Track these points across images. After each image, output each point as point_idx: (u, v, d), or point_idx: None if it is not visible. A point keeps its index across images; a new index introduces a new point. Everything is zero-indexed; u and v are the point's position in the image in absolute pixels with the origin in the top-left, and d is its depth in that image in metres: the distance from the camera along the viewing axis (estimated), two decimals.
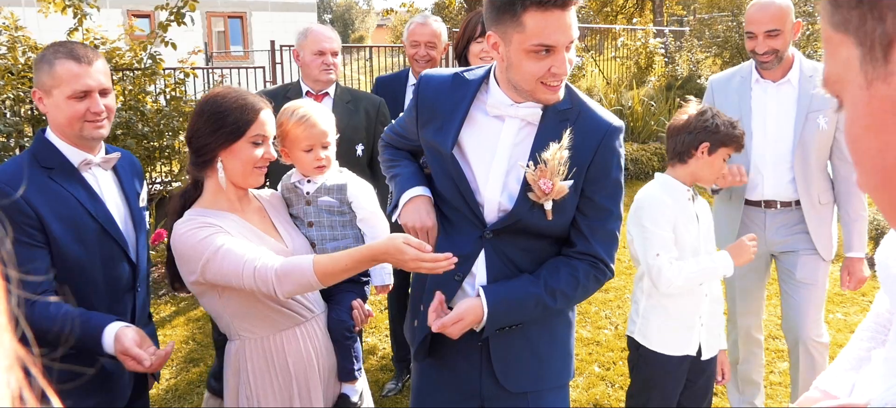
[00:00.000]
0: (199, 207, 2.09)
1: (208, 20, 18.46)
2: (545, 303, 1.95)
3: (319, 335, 2.22)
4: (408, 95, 3.85)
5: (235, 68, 12.40)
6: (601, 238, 1.98)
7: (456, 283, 2.02)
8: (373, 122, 3.51)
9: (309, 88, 3.51)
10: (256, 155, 2.08)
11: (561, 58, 1.79)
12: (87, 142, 2.17)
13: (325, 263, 1.90)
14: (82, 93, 2.11)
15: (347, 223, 2.29)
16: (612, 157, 1.94)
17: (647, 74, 13.41)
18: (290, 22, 18.61)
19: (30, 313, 1.92)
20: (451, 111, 1.99)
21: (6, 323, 0.40)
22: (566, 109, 1.93)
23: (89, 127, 2.14)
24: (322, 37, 3.46)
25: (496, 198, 1.96)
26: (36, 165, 2.10)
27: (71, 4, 5.80)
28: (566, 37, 1.77)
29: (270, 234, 2.17)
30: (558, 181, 1.85)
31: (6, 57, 5.79)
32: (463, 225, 2.01)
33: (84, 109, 2.12)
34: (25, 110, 6.12)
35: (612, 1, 28.55)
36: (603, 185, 1.95)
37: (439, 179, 2.04)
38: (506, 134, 1.94)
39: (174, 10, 5.84)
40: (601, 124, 1.94)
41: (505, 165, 1.95)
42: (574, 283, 1.96)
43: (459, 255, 1.90)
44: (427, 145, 2.06)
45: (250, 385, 2.14)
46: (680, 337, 2.61)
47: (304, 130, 2.21)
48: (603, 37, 15.87)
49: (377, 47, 13.22)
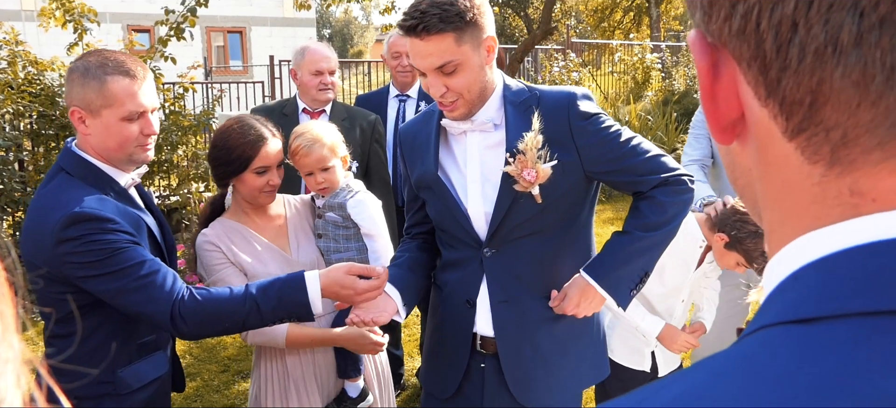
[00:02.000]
0: (224, 218, 2.37)
1: (208, 35, 18.54)
2: (644, 241, 1.94)
3: None
4: (389, 110, 3.86)
5: (235, 83, 12.43)
6: (649, 167, 1.95)
7: (468, 308, 2.06)
8: (368, 139, 3.50)
9: (306, 105, 3.52)
10: (260, 183, 2.27)
11: (434, 81, 1.85)
12: (133, 165, 2.01)
13: (297, 334, 2.28)
14: (137, 114, 1.93)
15: (352, 236, 2.41)
16: (588, 119, 1.93)
17: (645, 89, 13.47)
18: (290, 37, 18.69)
19: (206, 303, 1.90)
20: (425, 142, 2.07)
21: (14, 326, 0.40)
22: (526, 98, 1.96)
23: (140, 150, 1.97)
24: (319, 56, 3.44)
25: (480, 209, 1.99)
26: (101, 190, 1.93)
27: (71, 19, 5.84)
28: (423, 63, 1.83)
29: (281, 245, 2.38)
30: (540, 165, 1.86)
31: (6, 71, 5.82)
32: (464, 249, 2.06)
33: (137, 132, 1.93)
34: (25, 125, 6.15)
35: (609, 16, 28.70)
36: (603, 142, 1.93)
37: (435, 211, 2.09)
38: (471, 147, 1.99)
39: (174, 24, 5.87)
40: (562, 96, 1.96)
41: (478, 175, 1.98)
42: (658, 206, 1.93)
43: (466, 280, 2.03)
44: (419, 187, 2.11)
45: (260, 383, 2.39)
46: (635, 353, 2.70)
47: (300, 158, 2.35)
48: (600, 52, 15.95)
49: (375, 62, 13.29)
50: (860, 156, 0.42)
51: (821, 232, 0.43)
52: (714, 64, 0.47)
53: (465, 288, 2.06)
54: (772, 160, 0.46)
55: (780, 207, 0.47)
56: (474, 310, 2.05)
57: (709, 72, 0.47)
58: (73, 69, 1.93)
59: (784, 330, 0.41)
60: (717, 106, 0.47)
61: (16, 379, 0.39)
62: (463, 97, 1.88)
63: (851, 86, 0.40)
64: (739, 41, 0.44)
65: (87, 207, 1.83)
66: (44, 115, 5.99)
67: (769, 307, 0.44)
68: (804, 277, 0.43)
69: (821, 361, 0.38)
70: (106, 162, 1.97)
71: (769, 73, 0.43)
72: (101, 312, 1.94)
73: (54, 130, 6.04)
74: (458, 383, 2.10)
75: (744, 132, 0.48)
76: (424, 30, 1.77)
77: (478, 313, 2.05)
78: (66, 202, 1.83)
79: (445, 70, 1.82)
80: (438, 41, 1.79)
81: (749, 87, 0.45)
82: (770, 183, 0.48)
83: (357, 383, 2.42)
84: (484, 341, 2.08)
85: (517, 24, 30.27)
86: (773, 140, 0.45)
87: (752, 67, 0.44)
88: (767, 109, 0.44)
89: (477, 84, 1.88)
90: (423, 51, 1.81)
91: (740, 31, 0.43)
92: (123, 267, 1.84)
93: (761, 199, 0.50)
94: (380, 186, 3.50)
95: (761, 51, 0.43)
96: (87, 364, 1.90)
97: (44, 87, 5.99)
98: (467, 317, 2.06)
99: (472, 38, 1.82)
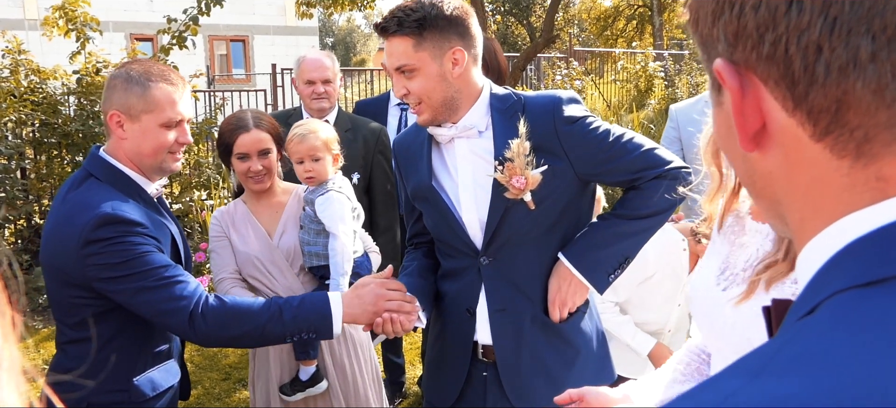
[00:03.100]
0: (240, 199, 2.66)
1: (210, 44, 18.59)
2: (625, 227, 1.96)
3: None
4: (390, 118, 3.85)
5: (237, 91, 12.45)
6: (643, 162, 1.94)
7: (468, 317, 2.05)
8: (372, 150, 3.47)
9: (309, 114, 3.52)
10: (242, 168, 2.50)
11: (396, 81, 1.96)
12: (161, 174, 2.09)
13: None
14: (176, 122, 2.01)
15: (321, 232, 2.50)
16: (574, 123, 1.93)
17: (647, 97, 13.46)
18: (292, 46, 18.72)
19: (231, 305, 1.96)
20: (418, 152, 2.09)
21: (12, 334, 0.42)
22: (512, 103, 1.98)
23: (170, 159, 2.04)
24: (310, 66, 3.45)
25: (474, 217, 1.99)
26: (130, 197, 1.98)
27: (74, 28, 5.85)
28: (388, 61, 1.94)
29: (269, 230, 2.59)
30: (529, 172, 1.87)
31: (9, 80, 5.83)
32: (461, 259, 2.06)
33: (173, 140, 2.01)
34: (27, 133, 6.16)
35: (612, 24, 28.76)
36: (592, 143, 1.93)
37: (432, 221, 2.10)
38: (460, 154, 2.00)
39: (176, 33, 5.88)
40: (546, 101, 1.97)
41: (470, 182, 1.99)
42: (646, 195, 1.93)
43: (465, 290, 2.03)
44: (415, 197, 2.13)
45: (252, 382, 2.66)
46: (631, 365, 2.71)
47: (293, 144, 2.48)
48: (603, 60, 15.96)
49: (378, 70, 13.30)
50: (881, 149, 0.50)
51: (860, 213, 0.51)
52: (742, 85, 0.55)
53: (465, 297, 2.06)
54: (800, 161, 0.54)
55: (811, 200, 0.55)
56: (474, 319, 2.05)
57: (738, 91, 0.55)
58: (116, 75, 2.00)
59: (857, 293, 0.48)
60: (745, 119, 0.56)
61: (15, 387, 0.41)
62: (423, 102, 1.94)
63: (870, 94, 0.49)
64: (768, 64, 0.53)
65: (119, 210, 1.88)
66: (46, 123, 6.00)
67: (823, 282, 0.51)
68: (858, 248, 0.50)
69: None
70: (135, 169, 2.02)
71: (797, 88, 0.52)
72: (117, 318, 1.96)
73: (56, 139, 6.05)
74: (458, 391, 2.10)
75: (765, 141, 0.56)
76: (383, 30, 1.92)
77: (478, 321, 2.05)
78: (96, 204, 1.87)
79: (403, 71, 1.92)
80: (397, 43, 1.90)
81: (776, 102, 0.54)
82: (798, 181, 0.55)
83: (310, 367, 2.49)
84: (485, 349, 2.07)
85: (520, 32, 30.33)
86: (800, 143, 0.54)
87: (780, 85, 0.53)
88: (795, 118, 0.53)
89: (437, 92, 1.92)
90: (388, 50, 1.94)
91: (769, 57, 0.52)
92: (147, 269, 1.89)
93: (785, 197, 0.58)
94: (382, 199, 3.48)
95: (790, 71, 0.52)
96: (101, 371, 1.90)
97: (46, 95, 6.01)
98: (467, 326, 2.06)
99: (433, 46, 1.88)
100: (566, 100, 1.96)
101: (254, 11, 18.64)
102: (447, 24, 1.87)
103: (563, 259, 1.97)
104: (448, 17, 1.87)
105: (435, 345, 2.21)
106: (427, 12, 1.86)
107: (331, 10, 8.34)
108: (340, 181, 2.55)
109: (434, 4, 1.87)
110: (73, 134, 5.96)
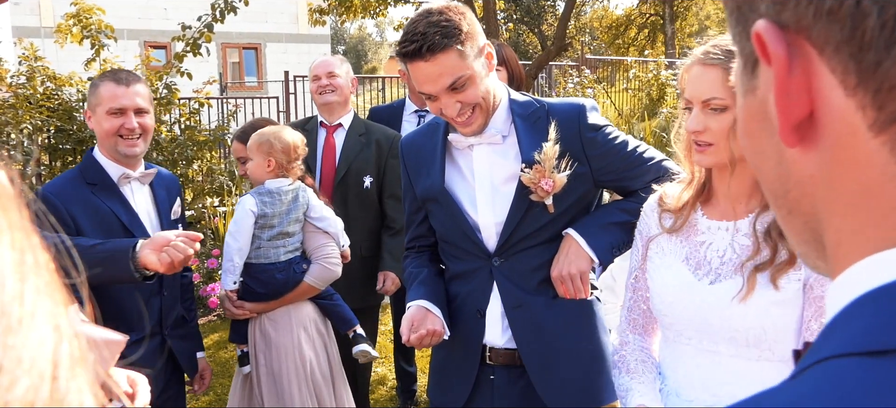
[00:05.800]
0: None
1: (223, 51, 18.69)
2: (624, 216, 1.97)
3: (307, 309, 2.89)
4: (405, 125, 3.86)
5: (249, 98, 12.51)
6: (655, 173, 1.97)
7: (478, 319, 2.05)
8: (385, 155, 3.48)
9: (322, 120, 3.55)
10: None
11: (447, 101, 1.84)
12: (125, 158, 2.43)
13: None
14: (118, 110, 2.38)
15: (266, 227, 2.81)
16: (598, 130, 1.97)
17: (659, 106, 13.40)
18: (304, 53, 18.79)
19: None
20: (431, 154, 2.07)
21: (49, 263, 0.36)
22: (535, 109, 1.99)
23: (123, 143, 2.40)
24: (316, 65, 3.55)
25: (491, 220, 1.99)
26: (81, 180, 2.40)
27: (89, 35, 5.89)
28: (434, 86, 1.82)
29: None
30: (556, 175, 1.88)
31: (25, 86, 5.88)
32: (472, 261, 2.06)
33: (119, 125, 2.38)
34: (42, 139, 6.20)
35: (623, 33, 28.72)
36: (612, 152, 1.97)
37: (440, 223, 2.10)
38: (479, 159, 2.00)
39: (190, 40, 5.92)
40: (571, 108, 1.99)
41: (488, 186, 1.99)
42: (639, 200, 1.94)
43: (476, 291, 2.03)
44: (424, 199, 2.11)
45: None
46: None
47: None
48: (614, 68, 15.93)
49: (391, 78, 13.32)
50: None
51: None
52: (789, 55, 0.42)
53: (475, 299, 2.06)
54: (850, 161, 0.41)
55: (857, 214, 0.42)
56: (484, 320, 2.04)
57: (785, 62, 0.42)
58: (90, 83, 2.51)
59: (856, 363, 0.36)
60: (790, 101, 0.43)
61: (89, 386, 0.34)
62: (480, 106, 1.90)
63: None
64: (828, 23, 0.39)
65: (47, 186, 2.43)
66: (61, 129, 6.04)
67: (834, 333, 0.39)
68: (878, 300, 0.38)
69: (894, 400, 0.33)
70: (107, 156, 2.43)
71: (866, 56, 0.38)
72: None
73: (72, 145, 6.08)
74: (467, 395, 2.08)
75: (810, 134, 0.43)
76: (429, 50, 1.77)
77: (488, 323, 2.04)
78: (50, 184, 2.46)
79: (456, 86, 1.82)
80: (444, 59, 1.79)
81: (833, 77, 0.41)
82: (844, 188, 0.42)
83: (244, 348, 2.86)
84: (493, 352, 2.06)
85: (531, 40, 30.34)
86: (854, 137, 0.41)
87: (841, 51, 0.39)
88: (854, 100, 0.40)
89: (488, 93, 1.91)
90: (431, 73, 1.80)
91: (831, 12, 0.39)
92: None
93: (827, 208, 0.44)
94: (392, 203, 3.49)
95: (858, 31, 0.38)
96: None
97: (61, 102, 6.04)
98: (477, 328, 2.05)
99: (473, 49, 1.84)
100: (589, 108, 1.99)
101: (266, 19, 18.71)
102: (471, 23, 1.85)
103: (567, 231, 1.98)
104: (466, 14, 1.86)
105: (441, 348, 2.18)
106: (454, 18, 1.81)
107: (343, 18, 8.36)
108: (277, 188, 2.74)
109: (452, 8, 1.84)
110: (87, 140, 5.99)
